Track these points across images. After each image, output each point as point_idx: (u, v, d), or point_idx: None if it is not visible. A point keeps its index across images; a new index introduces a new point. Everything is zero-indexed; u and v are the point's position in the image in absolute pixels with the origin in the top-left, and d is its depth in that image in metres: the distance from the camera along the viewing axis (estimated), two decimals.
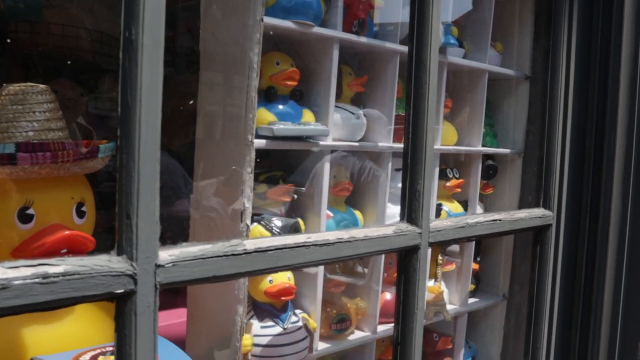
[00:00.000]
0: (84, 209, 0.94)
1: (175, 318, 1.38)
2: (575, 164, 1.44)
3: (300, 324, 1.13)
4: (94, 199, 0.98)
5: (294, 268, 0.72)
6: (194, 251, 0.59)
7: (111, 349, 0.91)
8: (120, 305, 0.53)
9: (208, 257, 0.60)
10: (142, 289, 0.53)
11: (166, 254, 0.56)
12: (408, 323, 1.02)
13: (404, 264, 1.00)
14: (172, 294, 1.31)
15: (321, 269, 1.19)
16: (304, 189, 1.19)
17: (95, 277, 0.51)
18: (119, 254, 0.53)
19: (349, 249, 0.80)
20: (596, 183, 1.44)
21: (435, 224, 1.04)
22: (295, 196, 1.18)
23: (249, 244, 0.64)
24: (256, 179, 1.15)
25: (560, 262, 1.44)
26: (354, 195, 1.32)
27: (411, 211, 0.91)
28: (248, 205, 1.04)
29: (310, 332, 1.15)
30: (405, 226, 0.89)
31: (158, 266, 0.55)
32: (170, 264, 0.56)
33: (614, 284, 1.44)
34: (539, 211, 1.37)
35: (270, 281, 1.10)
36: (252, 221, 1.07)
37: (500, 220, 1.23)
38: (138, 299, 0.54)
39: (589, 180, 1.45)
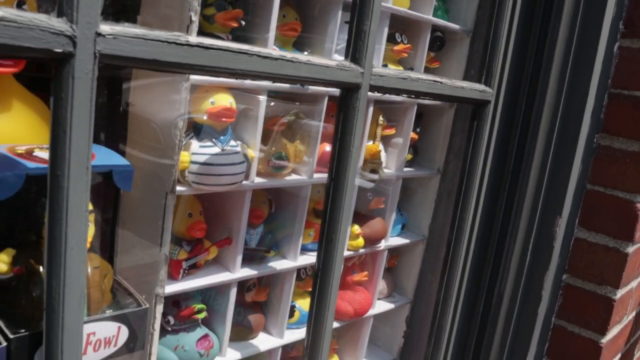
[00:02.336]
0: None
1: None
2: (519, 47, 1.49)
3: (238, 149, 1.19)
4: None
5: (235, 74, 0.75)
6: (136, 31, 0.61)
7: (47, 146, 0.95)
8: (59, 69, 0.55)
9: (150, 40, 0.62)
10: (81, 54, 0.56)
11: (108, 27, 0.58)
12: (342, 160, 1.09)
13: (344, 102, 1.05)
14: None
15: (263, 102, 1.22)
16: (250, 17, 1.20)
17: (33, 30, 0.53)
18: (59, 15, 0.55)
19: (291, 69, 0.84)
20: (536, 68, 1.50)
21: (378, 69, 1.08)
22: (243, 23, 1.18)
23: (192, 38, 0.66)
24: (205, 3, 1.16)
25: (494, 138, 1.53)
26: (302, 38, 1.34)
27: (355, 51, 0.96)
28: (195, 19, 1.05)
29: (248, 160, 1.21)
30: (348, 63, 0.93)
31: (98, 35, 0.57)
32: (111, 36, 0.58)
33: (540, 163, 1.54)
34: (479, 86, 1.43)
35: (212, 102, 1.14)
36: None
37: (441, 82, 1.28)
38: (76, 64, 0.56)
39: (530, 64, 1.51)
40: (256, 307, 1.48)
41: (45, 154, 0.94)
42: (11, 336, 0.90)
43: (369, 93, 1.16)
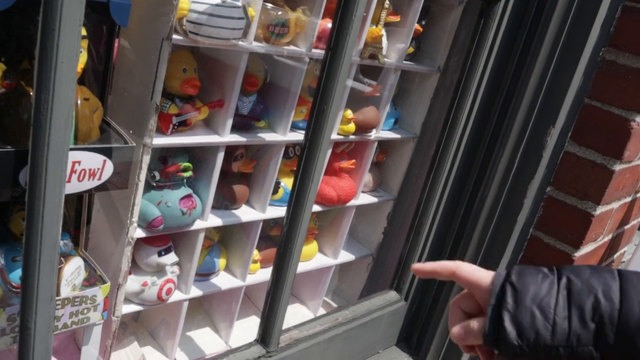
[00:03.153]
0: None
1: None
2: None
3: (239, 4, 1.17)
4: None
5: None
6: None
7: None
8: None
9: None
10: None
11: None
12: (341, 33, 1.08)
13: None
14: None
15: None
16: None
17: None
18: None
19: None
20: None
21: None
22: None
23: None
24: None
25: (499, 39, 1.51)
26: None
27: None
28: None
29: (247, 18, 1.19)
30: None
31: None
32: None
33: (541, 71, 1.54)
34: None
35: None
36: None
37: None
38: None
39: None
40: (242, 179, 1.51)
41: None
42: None
43: None
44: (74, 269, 1.13)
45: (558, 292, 0.68)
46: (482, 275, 0.72)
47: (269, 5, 1.30)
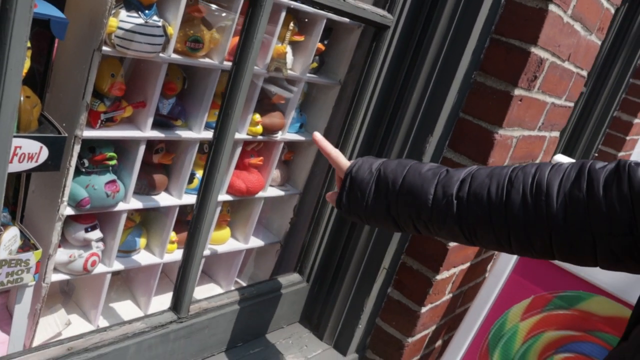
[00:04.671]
0: None
1: None
2: None
3: (159, 24, 1.46)
4: None
5: None
6: None
7: None
8: None
9: None
10: None
11: None
12: (245, 49, 1.37)
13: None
14: None
15: None
16: None
17: None
18: None
19: None
20: (433, 5, 1.78)
21: None
22: None
23: None
24: None
25: (388, 61, 1.80)
26: None
27: None
28: None
29: (166, 35, 1.48)
30: None
31: None
32: None
33: (422, 89, 1.83)
34: (381, 11, 1.72)
35: None
36: None
37: (344, 0, 1.57)
38: None
39: (429, 1, 1.79)
40: (162, 169, 1.79)
41: None
42: None
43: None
44: (11, 237, 1.39)
45: (372, 181, 1.15)
46: (343, 164, 1.23)
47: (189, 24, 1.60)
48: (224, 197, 1.94)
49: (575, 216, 0.94)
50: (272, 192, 2.11)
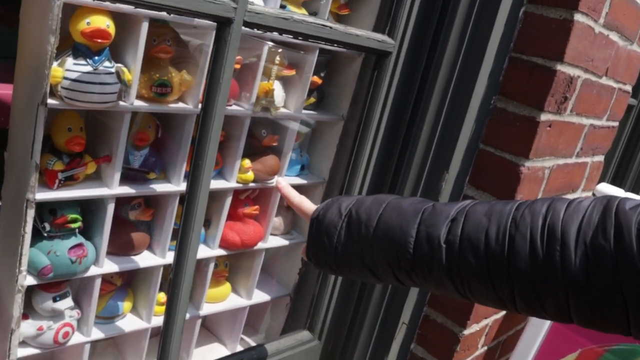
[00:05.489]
0: None
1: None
2: (427, 1, 1.56)
3: (112, 70, 1.30)
4: None
5: None
6: None
7: None
8: None
9: None
10: None
11: None
12: (212, 91, 1.20)
13: (217, 35, 1.17)
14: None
15: (144, 29, 1.32)
16: None
17: None
18: None
19: None
20: (440, 24, 1.59)
21: (256, 7, 1.20)
22: None
23: None
24: None
25: (393, 90, 1.62)
26: None
27: None
28: None
29: (123, 82, 1.32)
30: None
31: None
32: None
33: (433, 119, 1.64)
34: (379, 36, 1.53)
35: (88, 23, 1.24)
36: None
37: (330, 27, 1.38)
38: None
39: (434, 20, 1.60)
40: (141, 226, 1.62)
41: None
42: None
43: (257, 30, 1.27)
44: None
45: (341, 224, 0.98)
46: (308, 208, 1.09)
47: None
48: (216, 252, 1.75)
49: (600, 272, 0.72)
50: (275, 241, 1.91)
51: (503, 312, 1.91)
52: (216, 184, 1.65)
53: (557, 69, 1.50)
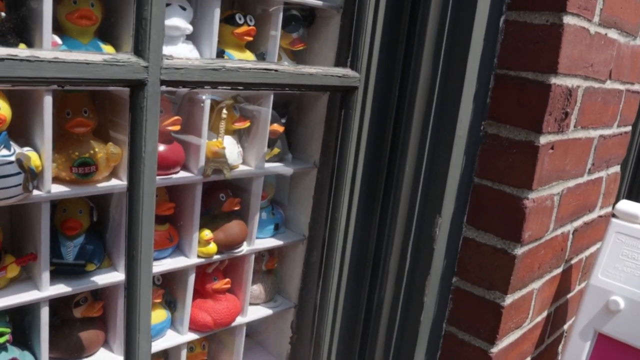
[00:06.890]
0: None
1: None
2: (390, 25, 1.36)
3: (11, 158, 1.09)
4: None
5: None
6: None
7: None
8: None
9: None
10: None
11: None
12: (135, 168, 0.99)
13: (132, 102, 0.95)
14: None
15: (48, 104, 1.12)
16: None
17: None
18: None
19: (32, 70, 0.73)
20: (409, 47, 1.38)
21: (176, 61, 0.97)
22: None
23: None
24: None
25: (366, 129, 1.42)
26: (107, 27, 1.22)
27: (138, 42, 0.85)
28: None
29: (28, 170, 1.11)
30: (126, 57, 0.83)
31: None
32: None
33: (416, 157, 1.44)
34: (340, 70, 1.31)
35: None
36: None
37: (276, 70, 1.16)
38: None
39: (402, 44, 1.39)
40: (92, 322, 1.40)
41: None
42: None
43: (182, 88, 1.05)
44: None
45: None
46: None
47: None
48: (186, 337, 1.53)
49: None
50: (257, 312, 1.68)
51: (529, 358, 1.69)
52: (173, 262, 1.43)
53: (551, 83, 1.28)
